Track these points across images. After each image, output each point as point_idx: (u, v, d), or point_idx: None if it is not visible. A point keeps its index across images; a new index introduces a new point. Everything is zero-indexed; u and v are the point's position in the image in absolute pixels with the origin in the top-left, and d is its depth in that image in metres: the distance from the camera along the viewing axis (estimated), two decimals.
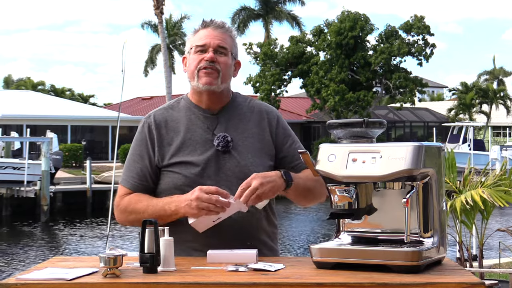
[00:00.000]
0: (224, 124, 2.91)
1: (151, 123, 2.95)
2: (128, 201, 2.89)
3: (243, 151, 2.87)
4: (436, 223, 2.47)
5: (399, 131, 50.35)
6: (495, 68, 61.63)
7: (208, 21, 2.94)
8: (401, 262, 2.32)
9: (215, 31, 2.91)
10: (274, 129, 2.97)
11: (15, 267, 17.01)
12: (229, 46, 2.93)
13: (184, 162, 2.85)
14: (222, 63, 2.89)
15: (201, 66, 2.88)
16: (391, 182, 2.43)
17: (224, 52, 2.90)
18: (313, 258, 2.46)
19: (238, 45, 3.03)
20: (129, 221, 2.89)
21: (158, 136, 2.91)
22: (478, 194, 7.88)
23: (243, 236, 2.81)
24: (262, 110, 2.99)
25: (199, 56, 2.89)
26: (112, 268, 2.35)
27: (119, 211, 2.91)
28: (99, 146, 41.69)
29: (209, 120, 2.92)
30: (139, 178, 2.91)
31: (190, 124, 2.91)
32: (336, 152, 2.47)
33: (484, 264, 9.73)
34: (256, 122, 2.95)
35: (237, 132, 2.90)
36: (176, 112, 2.96)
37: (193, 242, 2.81)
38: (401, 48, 41.04)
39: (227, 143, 2.86)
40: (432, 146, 2.46)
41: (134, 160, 2.94)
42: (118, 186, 2.96)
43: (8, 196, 28.37)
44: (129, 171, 2.94)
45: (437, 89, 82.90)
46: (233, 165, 2.85)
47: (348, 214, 2.49)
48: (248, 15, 49.13)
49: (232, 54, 2.94)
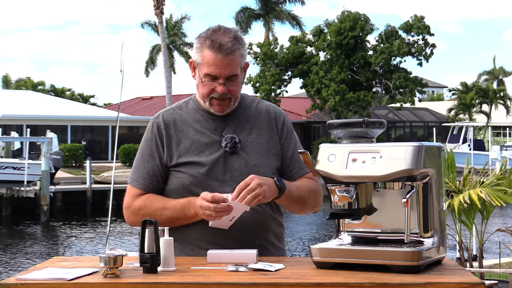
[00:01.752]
0: (232, 125, 2.92)
1: (160, 123, 2.94)
2: (142, 202, 2.87)
3: (251, 152, 2.88)
4: (436, 223, 2.47)
5: (399, 131, 50.34)
6: (495, 68, 61.61)
7: (217, 43, 2.80)
8: (401, 262, 2.32)
9: (225, 58, 2.80)
10: (280, 131, 2.97)
11: (15, 267, 17.00)
12: (240, 67, 2.86)
13: (192, 163, 2.85)
14: (233, 90, 2.87)
15: (213, 96, 2.86)
16: (391, 182, 2.44)
17: (235, 79, 2.86)
18: (313, 258, 2.46)
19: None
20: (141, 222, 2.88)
21: (167, 136, 2.91)
22: (476, 194, 7.87)
23: (251, 236, 2.81)
24: (270, 111, 3.00)
25: (210, 85, 2.84)
26: (112, 268, 2.35)
27: (131, 213, 2.89)
28: (99, 146, 41.67)
29: (217, 121, 2.92)
30: (150, 178, 2.89)
31: (198, 126, 2.91)
32: (336, 152, 2.47)
33: (484, 264, 9.72)
34: (264, 124, 2.96)
35: (245, 134, 2.91)
36: (185, 113, 2.95)
37: (202, 241, 2.81)
38: (401, 48, 41.03)
39: (235, 144, 2.87)
40: (432, 146, 2.46)
41: (144, 160, 2.92)
42: (128, 187, 2.93)
43: (8, 196, 28.37)
44: (140, 171, 2.92)
45: (437, 89, 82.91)
46: (241, 165, 2.85)
47: (348, 214, 2.49)
48: (249, 15, 49.12)
49: (242, 68, 2.89)
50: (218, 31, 2.84)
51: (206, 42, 2.84)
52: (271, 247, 2.88)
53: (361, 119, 2.52)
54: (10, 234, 23.84)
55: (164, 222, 2.69)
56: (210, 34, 2.85)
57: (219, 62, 2.81)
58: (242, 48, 2.86)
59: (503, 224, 21.24)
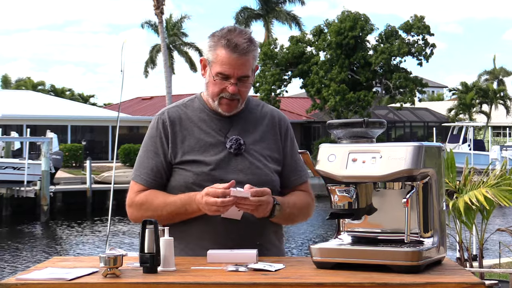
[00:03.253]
0: (237, 127, 2.93)
1: (165, 119, 2.93)
2: (144, 197, 2.87)
3: (255, 155, 2.90)
4: (436, 223, 2.47)
5: (399, 131, 50.34)
6: (495, 68, 61.60)
7: (233, 43, 2.80)
8: (401, 262, 2.32)
9: (239, 58, 2.81)
10: (283, 138, 2.99)
11: (15, 267, 17.00)
12: (251, 69, 2.87)
13: (196, 161, 2.86)
14: (243, 91, 2.88)
15: (223, 96, 2.86)
16: (391, 182, 2.44)
17: (246, 80, 2.87)
18: (313, 258, 2.46)
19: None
20: (144, 218, 2.84)
21: (172, 133, 2.91)
22: (481, 194, 7.86)
23: (252, 235, 2.82)
24: (274, 116, 3.02)
25: (221, 84, 2.85)
26: (112, 268, 2.35)
27: (134, 208, 2.89)
28: (99, 146, 41.66)
29: (222, 122, 2.93)
30: (154, 174, 2.89)
31: (203, 125, 2.92)
32: (336, 152, 2.48)
33: (484, 264, 9.71)
34: (269, 128, 2.97)
35: (250, 136, 2.92)
36: (190, 111, 2.95)
37: (203, 240, 2.81)
38: (401, 48, 41.04)
39: (240, 146, 2.88)
40: (432, 146, 2.46)
41: (148, 156, 2.92)
42: (131, 183, 2.93)
43: (8, 196, 28.36)
44: (143, 167, 2.91)
45: (437, 89, 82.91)
46: (245, 167, 2.87)
47: (348, 214, 2.50)
48: (249, 15, 49.12)
49: (253, 70, 2.90)
50: (233, 31, 2.85)
51: (221, 41, 2.83)
52: (271, 247, 2.89)
53: (361, 119, 2.52)
54: (10, 234, 23.83)
55: (165, 217, 2.71)
56: (225, 33, 2.85)
57: (233, 62, 2.81)
58: (256, 50, 2.87)
59: (503, 224, 21.24)
